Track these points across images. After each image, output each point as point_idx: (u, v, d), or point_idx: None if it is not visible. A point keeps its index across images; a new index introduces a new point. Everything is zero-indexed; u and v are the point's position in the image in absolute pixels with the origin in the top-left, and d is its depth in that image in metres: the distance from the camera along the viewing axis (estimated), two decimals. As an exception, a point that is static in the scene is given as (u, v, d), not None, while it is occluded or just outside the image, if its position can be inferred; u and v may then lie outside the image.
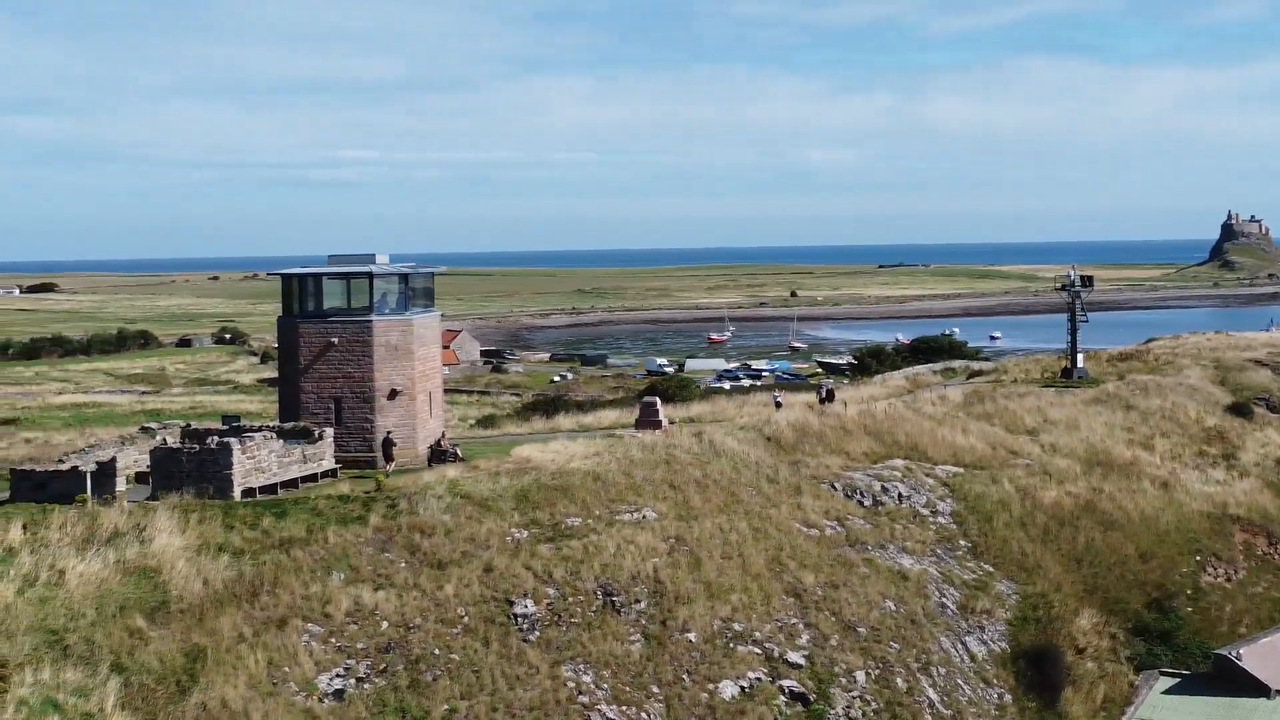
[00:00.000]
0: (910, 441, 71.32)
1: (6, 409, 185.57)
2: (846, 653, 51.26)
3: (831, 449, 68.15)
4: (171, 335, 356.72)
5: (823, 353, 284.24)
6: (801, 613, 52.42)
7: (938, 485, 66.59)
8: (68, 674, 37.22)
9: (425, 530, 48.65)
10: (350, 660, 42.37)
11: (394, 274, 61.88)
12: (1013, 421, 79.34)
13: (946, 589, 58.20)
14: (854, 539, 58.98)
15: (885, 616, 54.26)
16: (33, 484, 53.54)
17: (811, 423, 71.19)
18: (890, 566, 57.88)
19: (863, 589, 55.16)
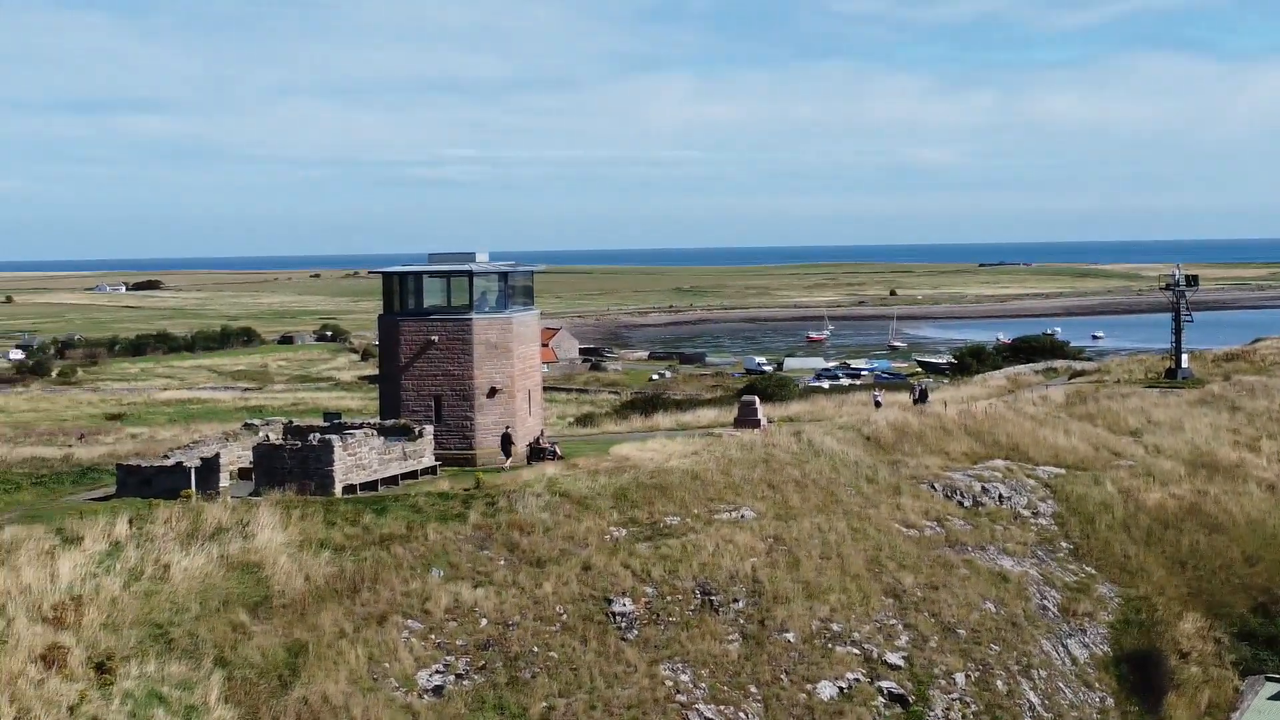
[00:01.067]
0: (1011, 442, 70.70)
1: (113, 404, 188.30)
2: (946, 654, 50.87)
3: (931, 449, 67.69)
4: (274, 332, 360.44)
5: (922, 352, 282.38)
6: (900, 614, 52.09)
7: (1039, 486, 65.97)
8: (172, 667, 37.70)
9: (524, 528, 48.84)
10: (449, 657, 42.60)
11: (494, 272, 62.14)
12: (1115, 422, 78.45)
13: (1047, 591, 57.63)
14: (954, 540, 58.55)
15: (985, 618, 53.81)
16: (139, 479, 54.31)
17: (911, 423, 70.75)
18: (990, 568, 57.40)
19: (962, 590, 54.73)
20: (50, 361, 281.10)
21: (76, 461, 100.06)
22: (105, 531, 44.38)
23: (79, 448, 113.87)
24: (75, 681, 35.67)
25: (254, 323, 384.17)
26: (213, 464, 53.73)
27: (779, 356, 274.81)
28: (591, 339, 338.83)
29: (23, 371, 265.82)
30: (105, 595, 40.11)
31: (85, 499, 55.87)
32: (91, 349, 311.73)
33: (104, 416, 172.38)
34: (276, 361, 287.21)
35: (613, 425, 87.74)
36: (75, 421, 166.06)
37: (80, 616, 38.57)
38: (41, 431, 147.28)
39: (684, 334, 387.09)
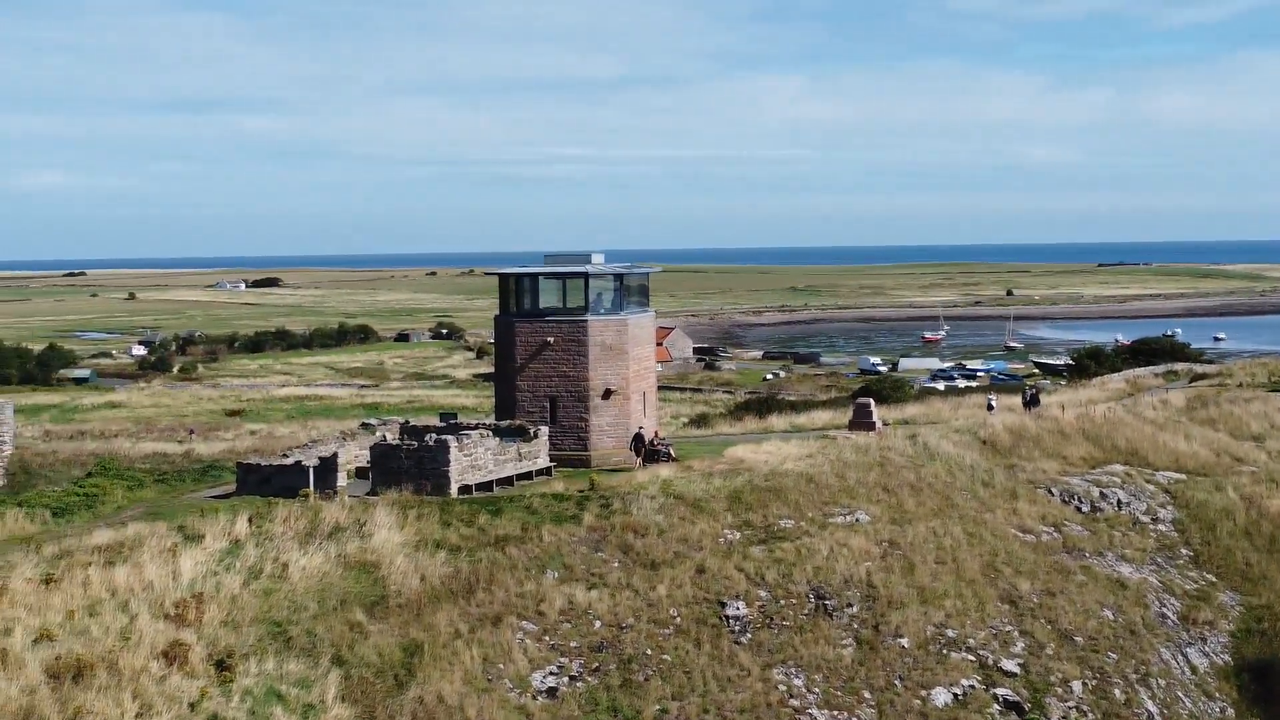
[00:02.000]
0: (1130, 446, 69.78)
1: (232, 401, 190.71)
2: (1062, 662, 50.29)
3: (1048, 453, 66.97)
4: (390, 330, 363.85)
5: (1039, 353, 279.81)
6: (1016, 620, 51.58)
7: (1158, 492, 65.08)
8: (290, 665, 38.15)
9: (638, 530, 48.91)
10: (563, 658, 42.77)
11: (609, 274, 62.27)
12: (1238, 427, 77.19)
13: (1166, 599, 56.84)
14: (1071, 546, 57.89)
15: (1103, 625, 53.15)
16: (258, 477, 54.99)
17: (1028, 426, 70.05)
18: (1108, 574, 56.71)
19: (1080, 597, 54.10)
20: (172, 357, 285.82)
21: (197, 457, 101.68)
22: (225, 529, 45.02)
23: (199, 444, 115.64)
24: (196, 679, 36.21)
25: (370, 320, 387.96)
26: (330, 463, 54.26)
27: (894, 357, 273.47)
28: (706, 338, 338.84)
29: (145, 367, 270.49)
30: (225, 593, 40.67)
31: (206, 496, 56.65)
32: (212, 345, 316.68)
33: (223, 413, 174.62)
34: (392, 359, 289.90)
35: (727, 427, 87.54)
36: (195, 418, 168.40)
37: (201, 614, 39.12)
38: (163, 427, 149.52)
39: (798, 333, 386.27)
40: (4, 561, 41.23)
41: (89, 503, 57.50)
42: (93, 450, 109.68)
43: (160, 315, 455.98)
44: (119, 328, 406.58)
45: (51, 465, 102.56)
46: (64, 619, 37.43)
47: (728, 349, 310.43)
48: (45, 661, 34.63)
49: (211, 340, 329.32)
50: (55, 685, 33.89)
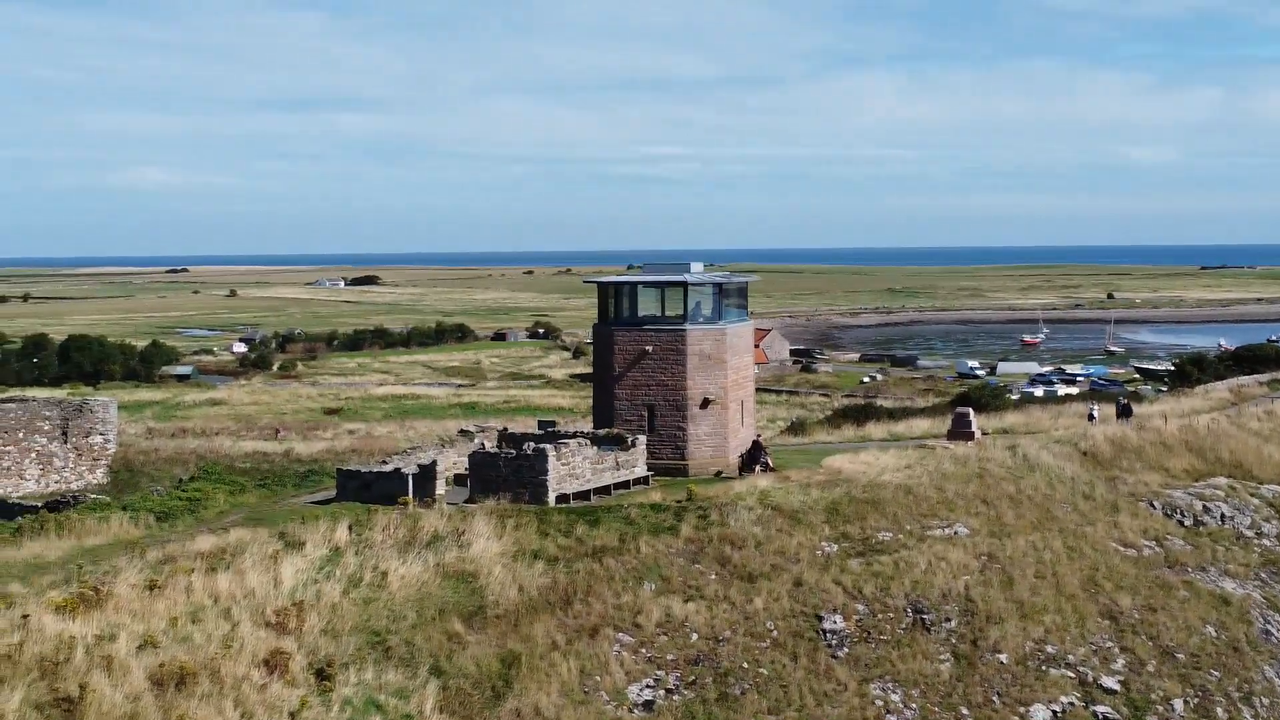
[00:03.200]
0: (1234, 459, 68.88)
1: (331, 399, 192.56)
2: (1164, 679, 49.74)
3: (1150, 465, 66.22)
4: (487, 329, 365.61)
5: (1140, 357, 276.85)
6: (1117, 636, 51.06)
7: (1263, 506, 64.21)
8: (389, 675, 38.36)
9: (736, 542, 48.83)
10: (660, 671, 42.76)
11: (708, 283, 62.21)
12: (1345, 440, 75.95)
13: (1271, 615, 56.06)
14: (1173, 560, 57.23)
15: (1205, 642, 52.52)
16: (358, 483, 55.43)
17: (1129, 437, 69.30)
18: (1211, 590, 56.01)
19: (1182, 613, 53.48)
20: (271, 355, 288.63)
21: (296, 457, 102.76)
22: (326, 537, 45.32)
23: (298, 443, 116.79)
24: (296, 687, 36.47)
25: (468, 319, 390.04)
26: (430, 471, 54.58)
27: (992, 360, 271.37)
28: (802, 340, 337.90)
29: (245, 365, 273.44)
30: (325, 601, 40.97)
31: (306, 502, 57.13)
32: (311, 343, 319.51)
33: (322, 411, 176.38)
34: (489, 358, 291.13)
35: (824, 435, 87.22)
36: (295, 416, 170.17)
37: (302, 622, 39.42)
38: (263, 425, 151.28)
39: (895, 335, 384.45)
40: (109, 566, 41.71)
41: (192, 507, 58.19)
42: (194, 449, 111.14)
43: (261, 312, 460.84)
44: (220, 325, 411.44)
45: (154, 463, 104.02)
46: (167, 625, 37.78)
47: (824, 351, 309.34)
48: (149, 668, 34.96)
49: (311, 338, 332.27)
50: (159, 693, 34.22)
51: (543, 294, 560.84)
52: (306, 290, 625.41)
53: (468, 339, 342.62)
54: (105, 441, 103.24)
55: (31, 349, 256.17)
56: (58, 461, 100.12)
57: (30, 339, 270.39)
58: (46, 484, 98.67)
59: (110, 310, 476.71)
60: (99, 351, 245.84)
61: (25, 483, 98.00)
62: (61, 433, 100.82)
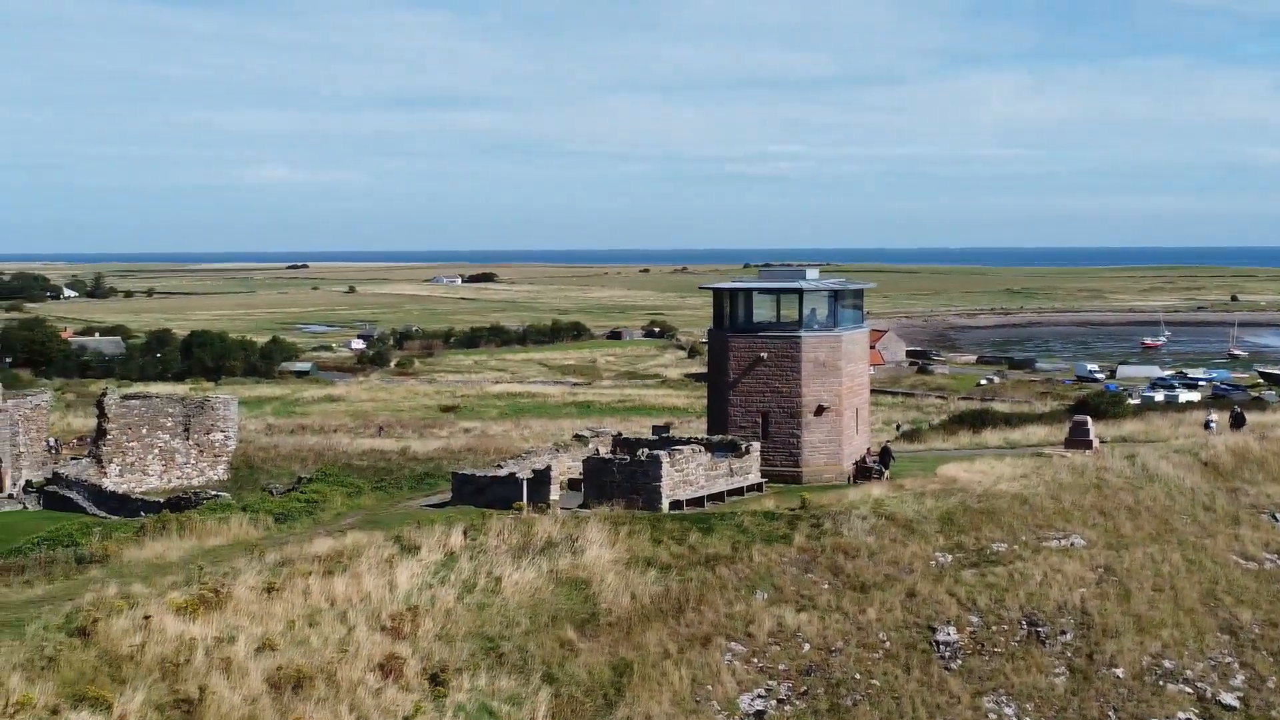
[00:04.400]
0: (1361, 470, 67.54)
1: (447, 396, 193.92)
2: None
3: (1273, 476, 65.06)
4: (603, 327, 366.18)
5: (1264, 361, 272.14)
6: (1237, 651, 50.29)
7: (1389, 520, 62.94)
8: (502, 682, 38.67)
9: (849, 552, 48.66)
10: (771, 681, 42.74)
11: (823, 290, 62.00)
12: None
13: (1396, 633, 54.94)
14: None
15: (1328, 659, 51.59)
16: (473, 487, 55.77)
17: (1251, 448, 68.13)
18: (1335, 606, 54.99)
19: (1304, 629, 52.57)
20: (389, 352, 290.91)
21: (413, 455, 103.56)
22: (441, 541, 45.69)
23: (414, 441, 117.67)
24: (410, 692, 36.90)
25: (583, 317, 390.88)
26: (544, 476, 54.81)
27: (1112, 363, 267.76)
28: (919, 340, 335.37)
29: (363, 361, 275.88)
30: (440, 606, 41.35)
31: (422, 505, 57.57)
32: (428, 340, 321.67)
33: (438, 409, 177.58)
34: (605, 357, 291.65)
35: (940, 441, 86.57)
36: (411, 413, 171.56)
37: (416, 627, 39.83)
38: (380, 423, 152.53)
39: (1013, 336, 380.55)
40: (229, 568, 42.30)
41: (310, 509, 58.85)
42: (312, 446, 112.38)
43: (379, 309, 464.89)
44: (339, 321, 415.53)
45: (273, 460, 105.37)
46: (284, 628, 38.33)
47: (941, 352, 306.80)
48: (267, 671, 35.50)
49: (428, 335, 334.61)
50: (276, 695, 34.75)
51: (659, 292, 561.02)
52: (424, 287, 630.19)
53: (583, 337, 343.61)
54: (226, 438, 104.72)
55: (155, 344, 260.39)
56: (180, 458, 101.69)
57: (154, 334, 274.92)
58: (169, 479, 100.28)
59: (232, 306, 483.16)
60: (220, 347, 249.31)
61: (148, 478, 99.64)
62: (184, 429, 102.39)
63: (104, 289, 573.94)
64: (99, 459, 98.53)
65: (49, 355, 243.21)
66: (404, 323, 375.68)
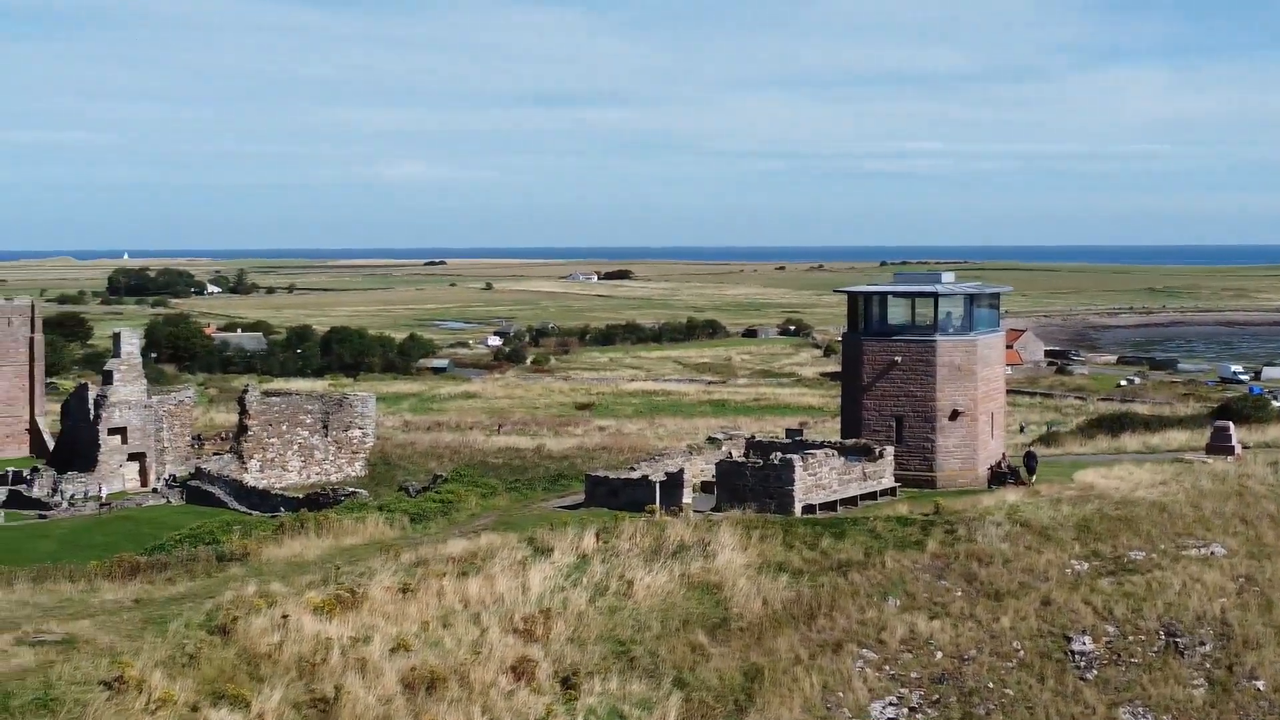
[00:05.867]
0: None
1: (583, 394, 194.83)
2: None
3: None
4: (738, 325, 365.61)
5: None
6: (1385, 666, 49.20)
7: None
8: (633, 685, 38.77)
9: (983, 559, 48.20)
10: (903, 689, 42.50)
11: (959, 293, 61.53)
12: None
13: None
14: None
15: None
16: (606, 490, 55.99)
17: (1400, 456, 66.64)
18: None
19: None
20: (525, 349, 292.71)
21: (548, 453, 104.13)
22: (574, 544, 45.89)
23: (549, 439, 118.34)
24: (542, 695, 37.14)
25: (719, 315, 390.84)
26: (677, 479, 54.91)
27: (1256, 365, 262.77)
28: (1057, 340, 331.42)
29: (499, 358, 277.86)
30: (572, 609, 41.56)
31: (555, 507, 57.90)
32: (564, 337, 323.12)
33: (574, 406, 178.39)
34: (740, 355, 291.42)
35: (1077, 446, 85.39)
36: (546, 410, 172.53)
37: (549, 630, 40.07)
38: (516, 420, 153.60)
39: (1154, 336, 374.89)
40: (365, 568, 42.81)
41: (445, 509, 59.41)
42: (448, 443, 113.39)
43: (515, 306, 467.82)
44: (475, 317, 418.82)
45: (409, 457, 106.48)
46: (419, 629, 38.72)
47: (1081, 352, 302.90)
48: (401, 672, 35.90)
49: (564, 332, 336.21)
50: (409, 696, 35.13)
51: (794, 290, 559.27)
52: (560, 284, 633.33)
53: (719, 335, 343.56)
54: (364, 435, 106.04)
55: (295, 340, 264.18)
56: (318, 454, 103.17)
57: (294, 330, 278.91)
58: (308, 475, 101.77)
59: (370, 302, 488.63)
60: (359, 344, 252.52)
61: (288, 474, 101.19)
62: (322, 426, 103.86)
63: (246, 285, 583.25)
64: (240, 455, 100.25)
65: (193, 351, 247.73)
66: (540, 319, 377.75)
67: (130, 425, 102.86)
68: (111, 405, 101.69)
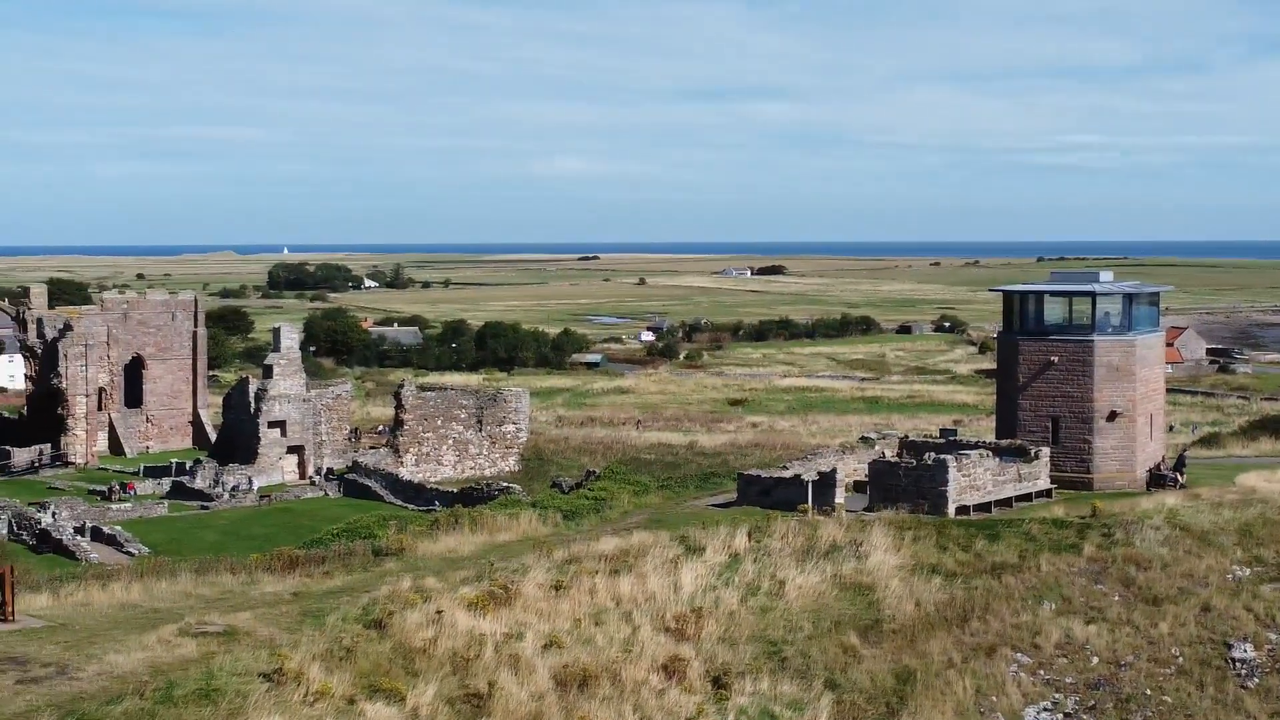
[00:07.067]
0: None
1: (735, 390, 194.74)
2: None
3: None
4: (892, 321, 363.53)
5: None
6: None
7: None
8: (784, 686, 38.67)
9: (1140, 563, 47.41)
10: (1058, 694, 41.96)
11: (1117, 293, 60.65)
12: None
13: None
14: None
15: None
16: (758, 489, 56.00)
17: None
18: None
19: None
20: (678, 344, 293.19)
21: (700, 449, 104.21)
22: (725, 543, 45.84)
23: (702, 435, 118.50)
24: (693, 694, 37.16)
25: (872, 310, 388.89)
26: (829, 478, 54.76)
27: None
28: (1220, 338, 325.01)
29: (652, 353, 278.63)
30: (723, 609, 41.56)
31: (707, 505, 57.98)
32: (717, 333, 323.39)
33: (726, 402, 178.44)
34: (894, 351, 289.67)
35: (1239, 448, 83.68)
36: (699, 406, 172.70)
37: (700, 629, 40.08)
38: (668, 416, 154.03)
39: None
40: (518, 564, 43.13)
41: (597, 507, 59.79)
42: (601, 438, 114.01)
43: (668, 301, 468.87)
44: (629, 312, 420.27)
45: (562, 452, 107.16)
46: (571, 627, 38.92)
47: (1244, 350, 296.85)
48: (553, 669, 36.10)
49: (717, 328, 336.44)
50: (561, 693, 35.32)
51: (949, 286, 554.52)
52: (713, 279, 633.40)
53: (872, 331, 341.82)
54: (518, 430, 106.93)
55: (450, 335, 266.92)
56: (473, 449, 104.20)
57: (450, 325, 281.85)
58: (462, 470, 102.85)
59: (524, 297, 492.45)
60: (513, 338, 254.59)
61: (442, 468, 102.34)
62: (477, 421, 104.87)
63: (403, 280, 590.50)
64: (396, 448, 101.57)
65: (350, 345, 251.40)
66: (693, 315, 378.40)
67: (289, 419, 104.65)
68: (271, 399, 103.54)
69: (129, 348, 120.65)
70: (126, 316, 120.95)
